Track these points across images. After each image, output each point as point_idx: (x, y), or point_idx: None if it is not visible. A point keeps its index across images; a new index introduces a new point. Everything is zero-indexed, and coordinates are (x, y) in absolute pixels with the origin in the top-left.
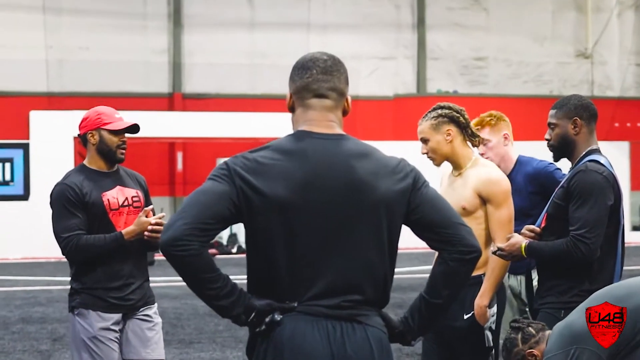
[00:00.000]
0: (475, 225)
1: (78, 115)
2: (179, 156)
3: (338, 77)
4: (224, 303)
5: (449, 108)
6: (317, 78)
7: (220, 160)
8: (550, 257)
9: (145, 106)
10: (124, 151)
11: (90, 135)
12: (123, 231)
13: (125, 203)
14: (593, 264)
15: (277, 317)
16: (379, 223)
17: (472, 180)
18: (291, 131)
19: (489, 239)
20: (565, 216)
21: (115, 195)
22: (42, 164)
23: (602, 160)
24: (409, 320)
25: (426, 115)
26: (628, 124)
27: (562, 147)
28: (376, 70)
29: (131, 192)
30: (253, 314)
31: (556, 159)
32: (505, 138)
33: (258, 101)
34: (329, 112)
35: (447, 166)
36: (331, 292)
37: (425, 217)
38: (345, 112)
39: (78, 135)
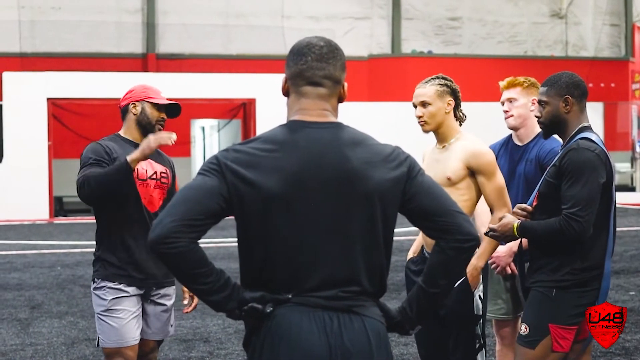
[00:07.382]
0: (457, 197)
1: (51, 76)
2: None
3: (334, 65)
4: (217, 298)
5: (451, 81)
6: (311, 65)
7: (195, 122)
8: (543, 236)
9: (118, 67)
10: (162, 129)
11: (132, 105)
12: (128, 157)
13: (154, 176)
14: (585, 242)
15: (268, 309)
16: (373, 212)
17: (459, 151)
18: (265, 96)
19: (472, 210)
20: (557, 194)
21: (144, 167)
22: (16, 126)
23: (594, 138)
24: (407, 310)
25: (429, 80)
26: (602, 85)
27: (553, 125)
28: (351, 30)
29: (160, 168)
30: (246, 307)
31: (546, 136)
32: (533, 103)
33: (232, 62)
34: (322, 100)
35: (428, 145)
36: (328, 283)
37: (421, 205)
38: (341, 100)
39: (119, 106)
